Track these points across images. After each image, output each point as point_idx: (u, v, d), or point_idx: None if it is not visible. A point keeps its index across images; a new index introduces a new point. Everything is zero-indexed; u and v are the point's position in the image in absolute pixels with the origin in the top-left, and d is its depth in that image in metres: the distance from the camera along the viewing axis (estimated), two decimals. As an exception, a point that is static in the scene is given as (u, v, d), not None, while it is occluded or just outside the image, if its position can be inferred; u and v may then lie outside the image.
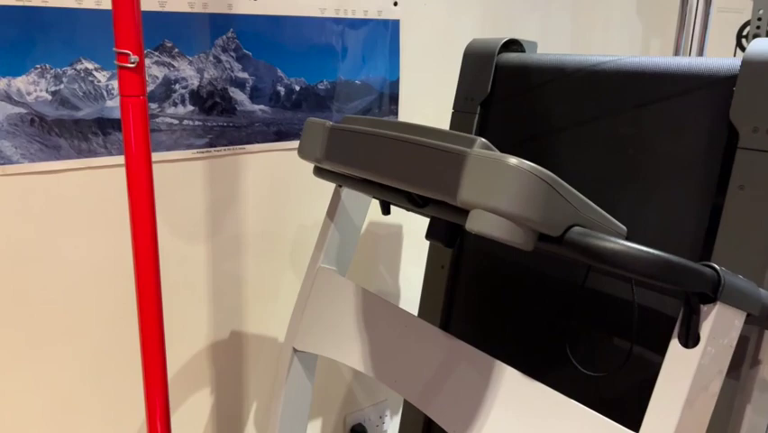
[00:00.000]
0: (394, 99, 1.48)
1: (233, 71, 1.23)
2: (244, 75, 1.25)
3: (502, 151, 0.69)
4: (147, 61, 1.13)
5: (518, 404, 0.79)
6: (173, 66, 1.16)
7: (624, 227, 0.73)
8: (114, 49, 0.86)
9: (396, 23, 1.45)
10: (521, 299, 1.13)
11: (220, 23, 1.20)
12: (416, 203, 0.86)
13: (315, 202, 1.41)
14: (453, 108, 1.24)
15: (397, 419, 1.70)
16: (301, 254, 1.42)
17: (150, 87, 1.14)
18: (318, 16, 1.32)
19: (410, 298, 1.65)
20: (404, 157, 0.77)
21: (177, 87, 1.17)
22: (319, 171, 1.04)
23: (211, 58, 1.20)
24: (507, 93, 1.17)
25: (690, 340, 0.64)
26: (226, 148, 1.25)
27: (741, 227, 0.81)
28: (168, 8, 1.13)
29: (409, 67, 1.50)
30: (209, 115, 1.22)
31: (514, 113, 1.15)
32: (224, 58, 1.21)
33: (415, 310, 1.63)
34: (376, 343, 1.03)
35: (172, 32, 1.15)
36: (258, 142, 1.29)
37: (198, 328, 1.30)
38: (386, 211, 1.04)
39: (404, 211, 1.60)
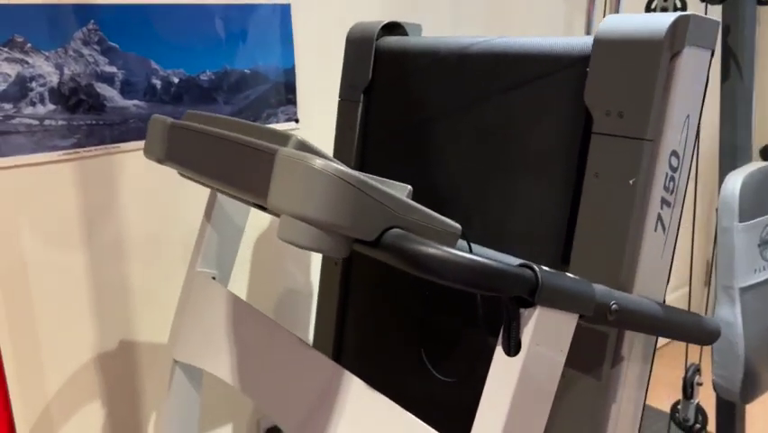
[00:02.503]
0: (290, 88, 1.41)
1: (98, 65, 1.15)
2: (112, 69, 1.16)
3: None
4: (-6, 58, 1.04)
5: (360, 417, 0.73)
6: (27, 62, 1.08)
7: (458, 226, 0.68)
8: None
9: (286, 8, 1.37)
10: (398, 303, 1.07)
11: (79, 14, 1.11)
12: (259, 206, 0.80)
13: (206, 202, 1.34)
14: (339, 96, 1.18)
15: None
16: (195, 256, 1.35)
17: (1, 87, 1.06)
18: (196, 3, 1.24)
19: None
20: (225, 157, 0.71)
21: (33, 84, 1.09)
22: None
23: (71, 52, 1.12)
24: (388, 79, 1.10)
25: (511, 348, 0.59)
26: (98, 148, 1.17)
27: (598, 217, 0.76)
28: (14, 0, 1.05)
29: (306, 53, 1.43)
30: (74, 114, 1.14)
31: (394, 100, 1.09)
32: (86, 51, 1.13)
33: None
34: (243, 355, 0.97)
35: (22, 26, 1.06)
36: (134, 140, 1.21)
37: (82, 339, 1.23)
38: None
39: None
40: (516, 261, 0.63)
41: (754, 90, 1.39)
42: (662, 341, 2.69)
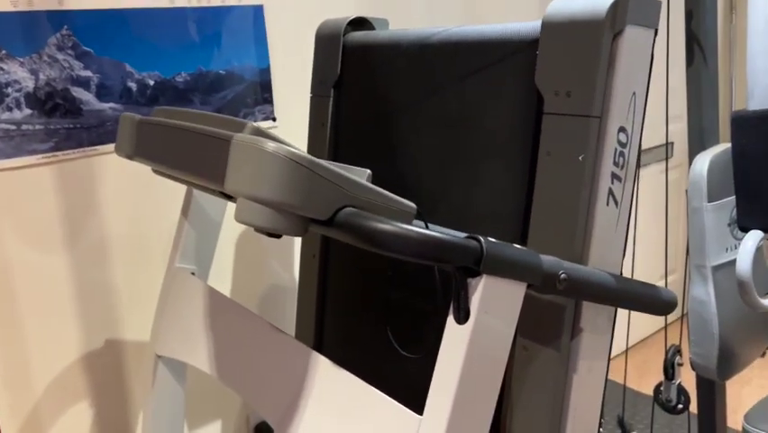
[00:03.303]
0: (266, 87, 1.44)
1: (73, 70, 1.17)
2: (87, 73, 1.19)
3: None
4: (-31, 66, 1.07)
5: (330, 396, 0.76)
6: (2, 69, 1.10)
7: (413, 206, 0.70)
8: None
9: (259, 9, 1.40)
10: (367, 286, 1.10)
11: (52, 20, 1.14)
12: (225, 195, 0.83)
13: (186, 200, 1.36)
14: (311, 93, 1.21)
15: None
16: (177, 255, 1.37)
17: (-22, 93, 1.09)
18: (168, 7, 1.26)
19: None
20: (187, 147, 0.73)
21: (9, 90, 1.12)
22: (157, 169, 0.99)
23: (46, 57, 1.14)
24: (356, 73, 1.13)
25: (460, 316, 0.61)
26: (76, 151, 1.20)
27: (551, 194, 0.78)
28: (-12, 8, 1.07)
29: (280, 53, 1.45)
30: (51, 118, 1.16)
31: (363, 93, 1.12)
32: (60, 57, 1.16)
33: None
34: (224, 347, 0.99)
35: (-3, 34, 1.09)
36: (112, 142, 1.24)
37: (67, 340, 1.25)
38: None
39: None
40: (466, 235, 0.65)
41: (720, 74, 1.42)
42: (648, 329, 2.72)
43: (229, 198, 0.83)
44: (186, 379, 1.18)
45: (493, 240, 0.61)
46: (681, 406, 1.56)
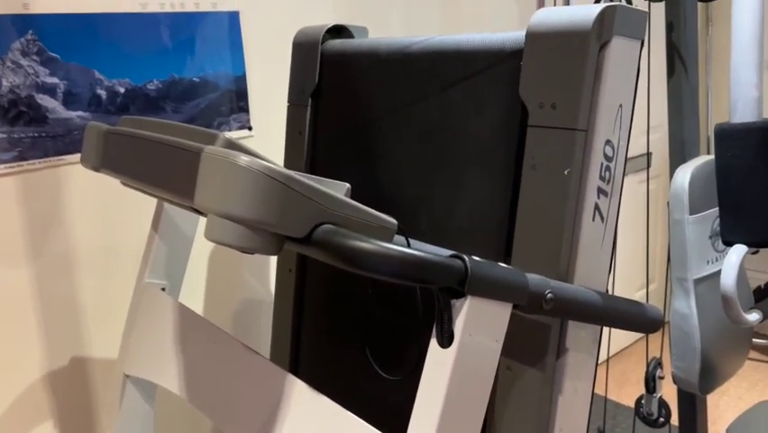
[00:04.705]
0: (242, 95, 1.40)
1: (38, 76, 1.12)
2: (53, 80, 1.14)
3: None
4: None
5: (305, 422, 0.72)
6: (-38, 74, 1.05)
7: (394, 222, 0.67)
8: None
9: (234, 15, 1.36)
10: (346, 304, 1.06)
11: (16, 24, 1.09)
12: (196, 210, 0.79)
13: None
14: (288, 101, 1.17)
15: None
16: (148, 268, 1.32)
17: (-65, 100, 1.03)
18: (139, 12, 1.22)
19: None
20: (155, 159, 0.69)
21: (-30, 97, 1.06)
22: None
23: (9, 63, 1.09)
24: (334, 82, 1.10)
25: (444, 339, 0.58)
26: (41, 160, 1.15)
27: (536, 209, 0.76)
28: (-53, 11, 1.02)
29: (257, 61, 1.42)
30: (14, 126, 1.11)
31: (341, 102, 1.09)
32: (25, 62, 1.11)
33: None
34: (194, 367, 0.95)
35: (-44, 38, 1.04)
36: (79, 152, 1.18)
37: (30, 357, 1.19)
38: None
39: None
40: (449, 253, 0.62)
41: (699, 86, 1.42)
42: (628, 339, 2.72)
43: (201, 212, 0.79)
44: (155, 400, 1.13)
45: (478, 259, 0.59)
46: (662, 419, 1.54)
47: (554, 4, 1.68)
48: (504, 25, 1.93)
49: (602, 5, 0.71)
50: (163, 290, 1.09)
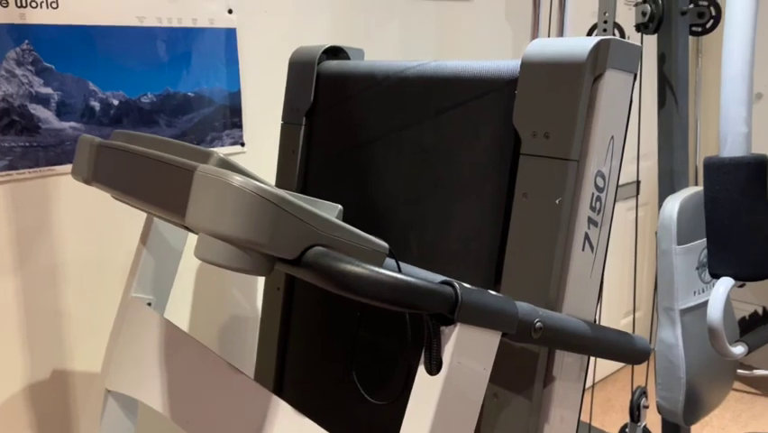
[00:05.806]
0: (236, 111, 1.40)
1: (32, 86, 1.12)
2: (47, 90, 1.14)
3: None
4: None
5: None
6: (-45, 82, 1.05)
7: (385, 245, 0.67)
8: None
9: (231, 32, 1.37)
10: (334, 326, 1.06)
11: (12, 33, 1.09)
12: (187, 227, 0.78)
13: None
14: (282, 119, 1.17)
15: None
16: (134, 282, 1.31)
17: (-73, 106, 1.03)
18: (136, 25, 1.22)
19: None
20: (147, 175, 0.69)
21: (-38, 105, 1.06)
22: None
23: (3, 72, 1.09)
24: (329, 102, 1.10)
25: (432, 366, 0.58)
26: (31, 170, 1.14)
27: (526, 237, 0.76)
28: (-57, 18, 1.02)
29: (252, 77, 1.42)
30: (5, 135, 1.11)
31: (335, 123, 1.09)
32: (19, 72, 1.10)
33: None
34: (177, 385, 0.94)
35: (-49, 45, 1.03)
36: (71, 163, 1.18)
37: (10, 369, 1.18)
38: None
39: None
40: (440, 279, 0.62)
41: (689, 117, 1.43)
42: (614, 366, 2.72)
43: (191, 230, 0.79)
44: (137, 416, 1.11)
45: (468, 286, 0.59)
46: (646, 449, 1.54)
47: (548, 34, 1.71)
48: (498, 53, 1.96)
49: (597, 38, 0.72)
50: (149, 304, 1.08)
